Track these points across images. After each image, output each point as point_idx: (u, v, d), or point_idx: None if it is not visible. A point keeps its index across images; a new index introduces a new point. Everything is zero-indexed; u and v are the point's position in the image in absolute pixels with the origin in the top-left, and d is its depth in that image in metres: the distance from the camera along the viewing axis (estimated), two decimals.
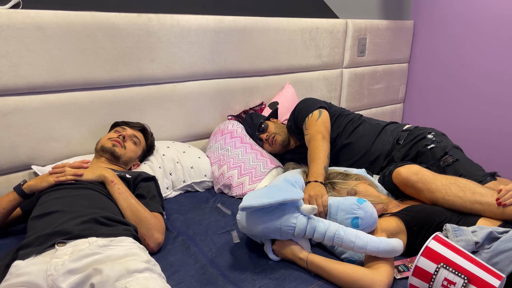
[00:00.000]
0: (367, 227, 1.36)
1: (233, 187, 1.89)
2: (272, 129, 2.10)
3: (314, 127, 1.89)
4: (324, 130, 1.87)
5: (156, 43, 1.94)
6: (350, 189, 1.54)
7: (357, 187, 1.54)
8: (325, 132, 1.86)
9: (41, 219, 1.27)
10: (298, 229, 1.32)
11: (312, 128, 1.89)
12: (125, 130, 1.75)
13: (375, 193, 1.56)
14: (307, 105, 2.00)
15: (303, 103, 2.04)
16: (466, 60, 2.89)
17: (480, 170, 1.69)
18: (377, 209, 1.49)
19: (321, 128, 1.87)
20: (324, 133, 1.85)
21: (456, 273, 1.08)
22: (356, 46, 2.79)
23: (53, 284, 1.05)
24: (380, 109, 3.18)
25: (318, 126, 1.87)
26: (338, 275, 1.26)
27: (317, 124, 1.89)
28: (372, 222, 1.36)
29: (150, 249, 1.41)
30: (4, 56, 1.58)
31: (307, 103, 2.02)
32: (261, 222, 1.34)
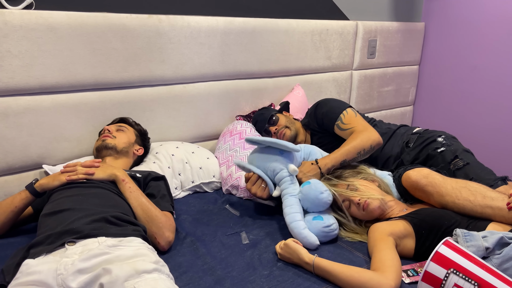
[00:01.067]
0: (308, 208, 1.58)
1: (241, 188, 1.89)
2: (283, 123, 2.06)
3: (358, 121, 1.85)
4: (370, 126, 1.83)
5: (167, 44, 1.95)
6: (351, 185, 1.58)
7: (357, 184, 1.57)
8: (371, 127, 1.83)
9: (52, 217, 1.28)
10: (278, 176, 1.63)
11: (357, 123, 1.85)
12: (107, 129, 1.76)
13: (373, 191, 1.56)
14: (335, 105, 1.95)
15: (327, 104, 1.97)
16: (478, 62, 2.86)
17: (491, 174, 1.67)
18: (374, 206, 1.52)
19: (365, 123, 1.84)
20: (371, 128, 1.82)
21: (466, 279, 1.07)
22: (366, 48, 2.78)
23: (62, 283, 1.06)
24: (390, 111, 3.16)
25: (361, 121, 1.85)
26: (345, 279, 1.25)
27: (359, 119, 1.86)
28: (310, 204, 1.56)
29: (161, 247, 1.42)
30: (16, 56, 1.60)
31: (333, 103, 1.96)
32: (261, 156, 1.68)
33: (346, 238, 1.56)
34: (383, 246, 1.34)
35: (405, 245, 1.41)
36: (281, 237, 1.56)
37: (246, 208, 1.79)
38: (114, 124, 1.82)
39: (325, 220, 1.53)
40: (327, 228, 1.51)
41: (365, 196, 1.53)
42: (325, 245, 1.52)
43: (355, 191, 1.56)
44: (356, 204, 1.54)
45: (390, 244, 1.35)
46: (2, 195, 1.68)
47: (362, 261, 1.42)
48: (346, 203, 1.57)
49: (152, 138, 2.03)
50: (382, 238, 1.38)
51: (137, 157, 1.81)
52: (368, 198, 1.52)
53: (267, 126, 2.06)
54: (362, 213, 1.54)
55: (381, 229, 1.43)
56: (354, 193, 1.56)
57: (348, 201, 1.57)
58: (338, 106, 1.94)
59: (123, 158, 1.71)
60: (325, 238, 1.52)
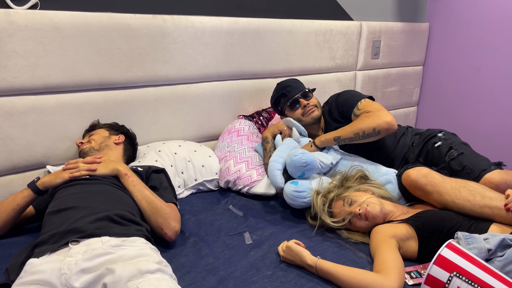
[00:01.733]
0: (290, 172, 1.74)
1: (240, 179, 1.90)
2: (315, 101, 2.01)
3: (372, 105, 1.82)
4: (385, 110, 1.79)
5: (171, 44, 1.95)
6: (346, 199, 1.57)
7: (352, 196, 1.57)
8: (386, 111, 1.78)
9: (57, 215, 1.29)
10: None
11: (371, 106, 1.81)
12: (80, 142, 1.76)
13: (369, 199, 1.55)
14: (355, 94, 1.94)
15: (347, 93, 1.97)
16: (482, 63, 2.85)
17: (485, 160, 1.69)
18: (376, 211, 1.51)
19: (381, 107, 1.80)
20: (385, 111, 1.77)
21: (469, 282, 1.07)
22: (370, 48, 2.77)
23: (66, 282, 1.06)
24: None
25: (377, 105, 1.81)
26: (347, 281, 1.25)
27: (375, 104, 1.83)
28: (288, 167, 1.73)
29: (168, 238, 1.43)
30: (22, 56, 1.61)
31: (353, 93, 1.96)
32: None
33: (349, 239, 1.56)
34: (385, 248, 1.34)
35: (408, 247, 1.41)
36: (285, 237, 1.56)
37: (249, 209, 1.80)
38: (84, 136, 1.81)
39: (299, 186, 1.67)
40: (295, 193, 1.66)
41: (364, 204, 1.52)
42: (328, 246, 1.52)
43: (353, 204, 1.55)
44: (358, 216, 1.52)
45: (392, 246, 1.35)
46: (6, 194, 1.68)
47: (365, 262, 1.42)
48: (347, 218, 1.55)
49: (155, 138, 2.04)
50: (385, 240, 1.38)
51: (126, 148, 1.79)
52: (367, 206, 1.51)
53: (299, 95, 1.96)
54: (366, 223, 1.53)
55: (383, 231, 1.43)
56: (352, 207, 1.54)
57: (348, 215, 1.55)
58: (358, 94, 1.93)
59: (109, 152, 1.70)
60: (292, 201, 1.68)
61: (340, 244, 1.53)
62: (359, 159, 1.89)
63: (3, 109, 1.62)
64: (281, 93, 1.99)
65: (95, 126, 1.80)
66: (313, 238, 1.58)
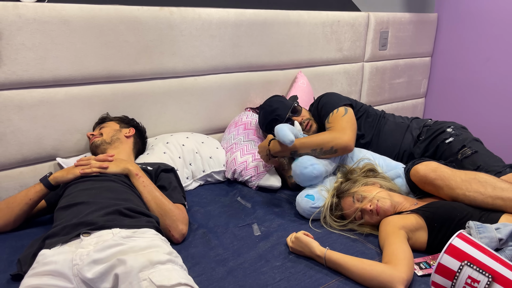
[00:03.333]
0: (299, 182, 1.74)
1: (247, 169, 1.91)
2: (306, 114, 2.01)
3: (339, 122, 1.80)
4: (349, 129, 1.77)
5: (178, 37, 1.95)
6: (356, 194, 1.56)
7: (361, 192, 1.55)
8: (350, 130, 1.76)
9: (68, 210, 1.30)
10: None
11: (337, 123, 1.80)
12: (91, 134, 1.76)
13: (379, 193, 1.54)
14: (333, 100, 1.92)
15: (327, 97, 1.96)
16: (491, 54, 2.82)
17: (500, 161, 1.65)
18: (386, 206, 1.50)
19: (347, 125, 1.78)
20: (348, 131, 1.75)
21: (480, 271, 1.07)
22: (378, 39, 2.75)
23: (78, 273, 1.08)
24: (401, 103, 3.13)
25: (344, 122, 1.79)
26: (357, 272, 1.26)
27: (343, 120, 1.80)
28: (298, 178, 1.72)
29: (175, 240, 1.44)
30: (30, 49, 1.61)
31: (332, 97, 1.95)
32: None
33: (357, 231, 1.55)
34: (395, 239, 1.34)
35: (418, 238, 1.40)
36: (293, 229, 1.57)
37: (257, 201, 1.80)
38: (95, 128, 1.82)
39: (316, 201, 1.65)
40: (313, 209, 1.64)
41: (374, 200, 1.52)
42: (337, 237, 1.52)
43: (363, 200, 1.54)
44: (369, 212, 1.52)
45: (401, 237, 1.35)
46: (17, 186, 1.70)
47: (374, 253, 1.42)
48: (359, 215, 1.55)
49: (163, 130, 2.05)
50: (394, 232, 1.38)
51: (136, 141, 1.80)
52: (378, 201, 1.51)
53: (290, 115, 1.96)
54: (376, 218, 1.52)
55: (392, 222, 1.43)
56: (362, 203, 1.53)
57: (359, 212, 1.54)
58: (335, 102, 1.89)
59: (120, 145, 1.70)
60: (308, 216, 1.66)
61: (348, 235, 1.53)
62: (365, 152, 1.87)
63: (13, 102, 1.63)
64: (271, 119, 1.97)
65: (106, 119, 1.81)
66: (322, 229, 1.58)
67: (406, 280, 1.20)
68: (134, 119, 1.87)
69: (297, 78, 2.40)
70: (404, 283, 1.19)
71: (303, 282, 1.27)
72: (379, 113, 2.03)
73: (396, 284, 1.19)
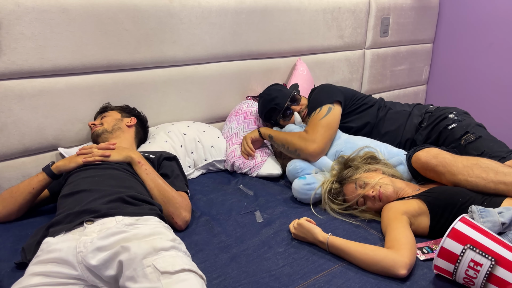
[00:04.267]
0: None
1: (245, 162, 1.92)
2: (305, 103, 2.01)
3: (314, 126, 1.77)
4: (321, 137, 1.75)
5: (178, 25, 1.94)
6: (358, 181, 1.56)
7: (363, 178, 1.55)
8: (321, 138, 1.75)
9: (70, 198, 1.31)
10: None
11: (312, 127, 1.78)
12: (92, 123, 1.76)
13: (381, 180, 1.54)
14: (321, 95, 1.89)
15: (318, 92, 1.93)
16: (494, 39, 2.80)
17: (504, 146, 1.65)
18: (389, 192, 1.50)
19: (320, 131, 1.76)
20: (319, 140, 1.74)
21: (483, 254, 1.07)
22: (379, 26, 2.73)
23: (82, 260, 1.08)
24: (403, 91, 3.12)
25: (319, 127, 1.77)
26: (359, 257, 1.26)
27: (319, 124, 1.78)
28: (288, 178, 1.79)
29: (178, 227, 1.44)
30: (30, 39, 1.60)
31: (321, 93, 1.91)
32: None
33: (360, 217, 1.56)
34: (397, 224, 1.34)
35: (420, 223, 1.41)
36: (295, 215, 1.57)
37: (259, 188, 1.80)
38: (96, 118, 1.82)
39: (307, 179, 1.68)
40: (307, 186, 1.65)
41: (377, 186, 1.51)
42: (339, 223, 1.53)
43: (365, 187, 1.54)
44: (372, 198, 1.52)
45: (404, 223, 1.35)
46: (20, 176, 1.71)
47: (377, 238, 1.43)
48: (361, 201, 1.55)
49: (164, 120, 2.05)
50: (396, 217, 1.38)
51: (138, 131, 1.80)
52: (380, 187, 1.51)
53: (289, 104, 1.97)
54: (379, 204, 1.52)
55: (394, 208, 1.43)
56: (365, 189, 1.53)
57: (362, 198, 1.55)
58: (322, 98, 1.87)
59: (121, 134, 1.70)
60: (304, 195, 1.66)
61: (351, 221, 1.54)
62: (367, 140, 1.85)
63: (14, 92, 1.62)
64: (269, 108, 1.98)
65: (107, 108, 1.81)
66: (324, 215, 1.58)
67: (408, 264, 1.20)
68: (135, 109, 1.86)
69: (296, 66, 2.38)
70: (407, 267, 1.20)
71: (306, 268, 1.27)
72: (379, 101, 2.01)
73: (399, 268, 1.19)
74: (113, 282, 1.09)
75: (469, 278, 1.10)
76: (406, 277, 1.21)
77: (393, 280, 1.21)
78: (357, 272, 1.25)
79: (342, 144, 1.83)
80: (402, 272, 1.19)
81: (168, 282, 1.00)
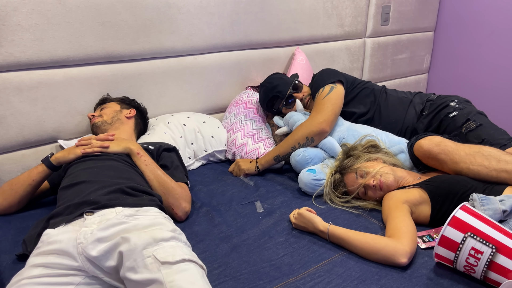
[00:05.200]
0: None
1: (247, 153, 1.91)
2: (307, 91, 2.01)
3: (317, 105, 1.80)
4: (325, 111, 1.76)
5: (176, 15, 1.92)
6: (359, 170, 1.55)
7: (364, 168, 1.55)
8: (325, 112, 1.75)
9: (70, 189, 1.30)
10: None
11: (317, 103, 1.80)
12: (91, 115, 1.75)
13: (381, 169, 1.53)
14: (322, 77, 1.90)
15: (319, 74, 1.95)
16: (496, 27, 2.77)
17: (504, 134, 1.64)
18: (390, 181, 1.49)
19: (323, 107, 1.77)
20: (324, 113, 1.75)
21: (483, 242, 1.07)
22: (379, 14, 2.70)
23: (83, 251, 1.08)
24: (404, 79, 3.10)
25: (321, 105, 1.78)
26: (360, 246, 1.26)
27: (322, 103, 1.79)
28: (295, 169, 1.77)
29: (178, 218, 1.44)
30: (27, 30, 1.59)
31: (322, 75, 1.93)
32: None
33: (360, 207, 1.55)
34: (398, 213, 1.34)
35: (421, 212, 1.40)
36: (296, 205, 1.57)
37: (260, 179, 1.80)
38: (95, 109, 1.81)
39: (317, 174, 1.65)
40: (315, 181, 1.64)
41: (377, 175, 1.51)
42: (339, 213, 1.53)
43: (366, 176, 1.53)
44: (372, 187, 1.51)
45: (405, 211, 1.35)
46: (20, 169, 1.70)
47: (378, 227, 1.43)
48: (362, 190, 1.55)
49: (164, 111, 2.04)
50: (397, 206, 1.38)
51: (138, 122, 1.79)
52: (380, 176, 1.50)
53: (291, 91, 1.96)
54: (380, 193, 1.52)
55: (395, 197, 1.43)
56: (365, 178, 1.53)
57: (362, 188, 1.54)
58: (323, 79, 1.88)
59: (121, 126, 1.69)
60: (311, 189, 1.65)
61: (351, 210, 1.53)
62: (368, 128, 1.85)
63: (12, 84, 1.61)
64: (271, 96, 1.96)
65: (106, 100, 1.80)
66: (325, 205, 1.58)
67: (409, 253, 1.20)
68: (135, 100, 1.85)
69: (295, 55, 2.36)
70: (407, 255, 1.20)
71: (307, 257, 1.27)
72: (380, 88, 2.00)
73: (400, 257, 1.19)
74: (114, 273, 1.09)
75: (470, 266, 1.10)
76: (406, 266, 1.21)
77: (394, 268, 1.21)
78: (358, 261, 1.25)
79: (344, 131, 1.83)
80: (402, 260, 1.19)
81: (168, 272, 1.00)
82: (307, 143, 1.76)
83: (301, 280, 1.18)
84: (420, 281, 1.16)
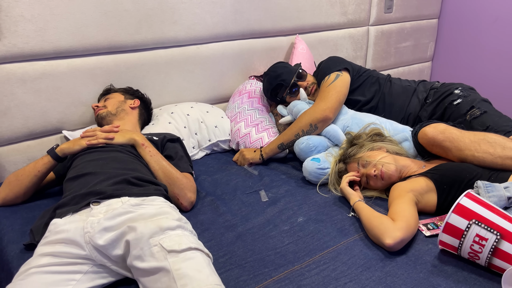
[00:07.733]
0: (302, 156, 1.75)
1: (251, 143, 1.91)
2: (311, 79, 2.01)
3: (321, 93, 1.81)
4: (329, 98, 1.76)
5: (178, 4, 1.91)
6: (361, 160, 1.56)
7: (366, 157, 1.55)
8: (329, 99, 1.76)
9: (76, 181, 1.31)
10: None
11: (322, 90, 1.81)
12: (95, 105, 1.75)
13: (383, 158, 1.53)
14: (328, 65, 1.91)
15: (325, 62, 1.96)
16: (500, 14, 2.74)
17: (509, 121, 1.63)
18: (391, 171, 1.50)
19: (327, 94, 1.78)
20: (327, 100, 1.76)
21: (488, 229, 1.07)
22: (383, 2, 2.68)
23: (90, 240, 1.09)
24: (408, 68, 3.08)
25: (325, 93, 1.79)
26: (364, 220, 1.34)
27: (327, 90, 1.80)
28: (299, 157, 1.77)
29: (184, 208, 1.45)
30: (30, 21, 1.59)
31: (328, 63, 1.94)
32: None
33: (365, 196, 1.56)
34: (400, 200, 1.35)
35: (428, 200, 1.40)
36: (300, 194, 1.58)
37: (264, 168, 1.81)
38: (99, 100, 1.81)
39: (322, 163, 1.66)
40: (320, 170, 1.64)
41: (378, 165, 1.51)
42: (345, 201, 1.53)
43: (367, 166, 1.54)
44: (373, 177, 1.51)
45: (408, 199, 1.35)
46: (25, 160, 1.71)
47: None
48: (364, 180, 1.56)
49: (167, 101, 2.04)
50: (401, 194, 1.38)
51: (142, 113, 1.80)
52: (382, 166, 1.50)
53: (296, 79, 1.96)
54: (381, 182, 1.52)
55: (401, 187, 1.43)
56: (367, 168, 1.53)
57: (364, 177, 1.55)
58: (329, 67, 1.88)
59: (125, 116, 1.70)
60: (315, 178, 1.65)
61: None
62: (372, 117, 1.85)
63: (16, 75, 1.62)
64: (276, 84, 1.96)
65: (110, 90, 1.80)
66: (329, 193, 1.59)
67: (399, 237, 1.20)
68: (139, 90, 1.85)
69: (295, 44, 2.34)
70: (396, 239, 1.20)
71: (312, 245, 1.28)
72: (385, 76, 1.99)
73: (386, 238, 1.21)
74: (121, 261, 1.10)
75: (474, 253, 1.11)
76: (411, 253, 1.22)
77: (398, 255, 1.22)
78: (362, 249, 1.26)
79: (348, 120, 1.83)
80: (387, 241, 1.20)
81: (175, 260, 1.01)
82: (311, 130, 1.76)
83: (306, 268, 1.19)
84: (425, 268, 1.17)
